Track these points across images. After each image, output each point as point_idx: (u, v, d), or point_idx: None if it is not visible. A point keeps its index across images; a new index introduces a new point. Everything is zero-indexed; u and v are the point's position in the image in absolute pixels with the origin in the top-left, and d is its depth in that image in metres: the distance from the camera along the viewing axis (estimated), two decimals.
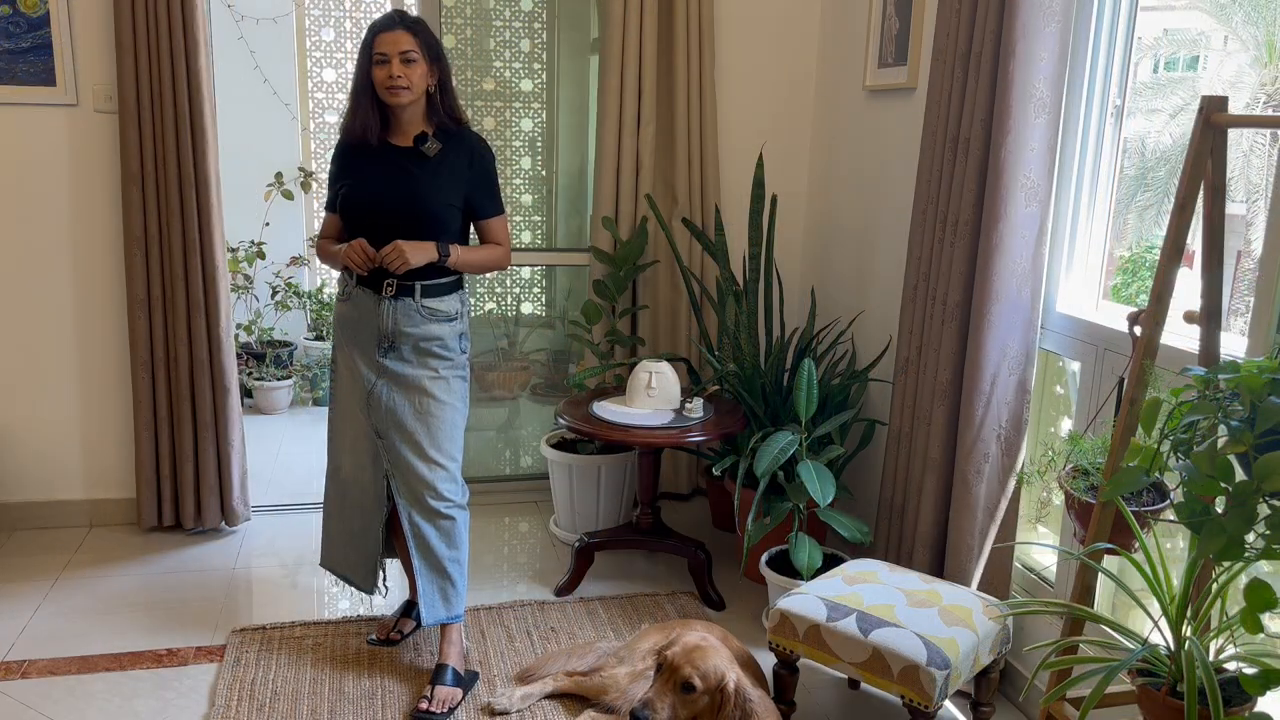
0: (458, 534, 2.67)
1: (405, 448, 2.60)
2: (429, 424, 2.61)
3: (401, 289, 2.56)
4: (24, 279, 3.38)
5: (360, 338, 2.63)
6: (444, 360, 2.62)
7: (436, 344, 2.60)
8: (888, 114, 3.28)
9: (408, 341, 2.59)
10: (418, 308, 2.57)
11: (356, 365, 2.64)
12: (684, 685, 2.14)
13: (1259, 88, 3.20)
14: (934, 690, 2.11)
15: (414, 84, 2.48)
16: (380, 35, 2.47)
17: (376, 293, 2.57)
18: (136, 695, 2.60)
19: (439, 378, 2.62)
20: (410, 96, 2.49)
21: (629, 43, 3.54)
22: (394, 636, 2.88)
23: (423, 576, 2.65)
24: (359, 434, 2.69)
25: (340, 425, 2.74)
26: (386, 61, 2.46)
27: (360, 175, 2.57)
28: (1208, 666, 1.54)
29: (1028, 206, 2.44)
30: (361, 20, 5.59)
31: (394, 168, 2.55)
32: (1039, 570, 2.74)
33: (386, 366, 2.60)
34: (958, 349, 2.65)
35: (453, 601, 2.67)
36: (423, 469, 2.61)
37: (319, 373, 5.19)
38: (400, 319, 2.57)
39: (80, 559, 3.35)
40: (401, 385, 2.60)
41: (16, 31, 3.19)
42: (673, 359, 3.49)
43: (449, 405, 2.64)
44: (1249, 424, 1.47)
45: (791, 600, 2.37)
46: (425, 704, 2.54)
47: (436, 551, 2.65)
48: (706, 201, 3.71)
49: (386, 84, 2.47)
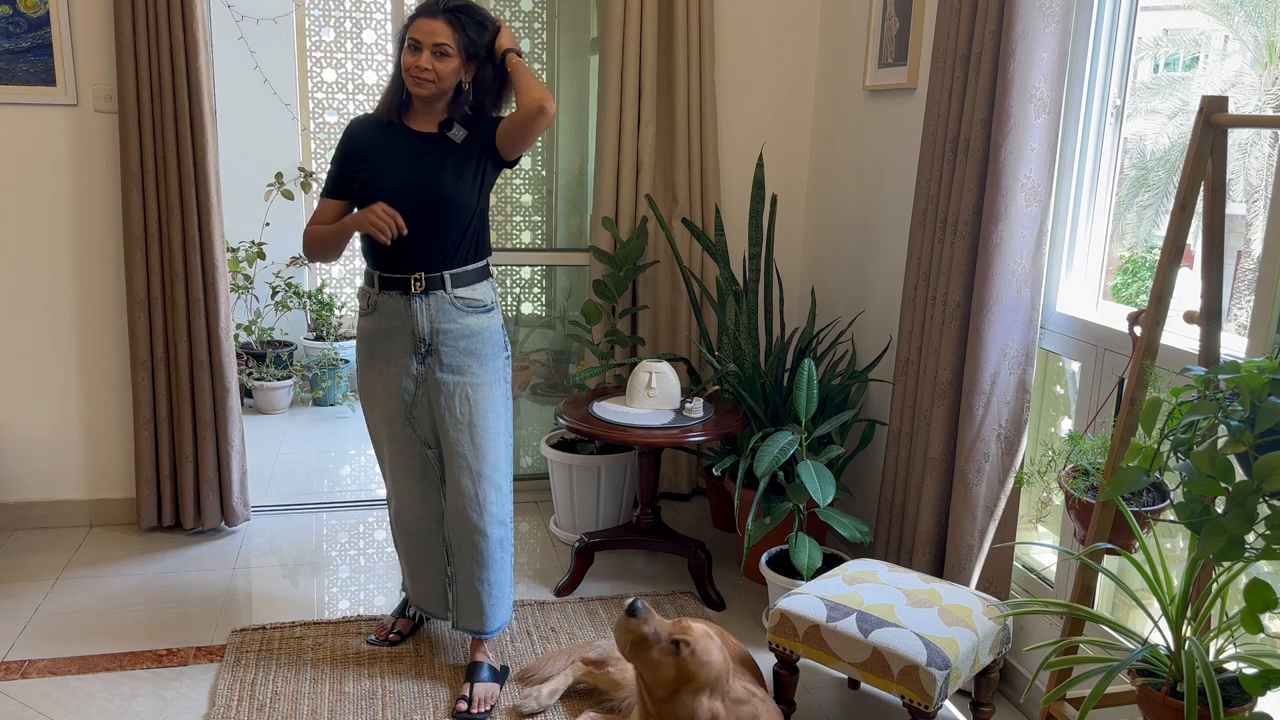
0: (496, 551, 2.61)
1: (451, 460, 2.54)
2: (473, 434, 2.52)
3: (431, 282, 2.47)
4: (24, 279, 3.38)
5: (393, 349, 2.53)
6: (486, 363, 2.53)
7: (477, 341, 2.51)
8: (888, 114, 3.28)
9: (448, 342, 2.49)
10: (451, 300, 2.48)
11: (392, 382, 2.55)
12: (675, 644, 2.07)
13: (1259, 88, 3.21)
14: (934, 690, 2.11)
15: (441, 78, 2.37)
16: (419, 20, 2.36)
17: (404, 293, 2.48)
18: (136, 695, 2.60)
19: (481, 383, 2.53)
20: (433, 90, 2.39)
21: (629, 43, 3.55)
22: (393, 638, 2.88)
23: (462, 585, 2.62)
24: (402, 456, 2.63)
25: (383, 453, 2.67)
26: (418, 49, 2.35)
27: (382, 161, 2.47)
28: (1208, 666, 1.54)
29: (1028, 206, 2.44)
30: (361, 20, 5.59)
31: (418, 155, 2.45)
32: (1039, 570, 2.74)
33: (426, 376, 2.52)
34: (958, 349, 2.65)
35: (490, 615, 2.64)
36: (468, 483, 2.54)
37: (319, 373, 5.19)
38: (436, 316, 2.48)
39: (80, 559, 3.35)
40: (442, 394, 2.51)
41: (16, 31, 3.19)
42: (673, 359, 3.49)
43: (491, 413, 2.54)
44: (1249, 424, 1.47)
45: (791, 600, 2.37)
46: (464, 704, 2.51)
47: (480, 562, 2.59)
48: (706, 201, 3.72)
49: (414, 73, 2.37)
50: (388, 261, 2.49)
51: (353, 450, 4.60)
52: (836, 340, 3.47)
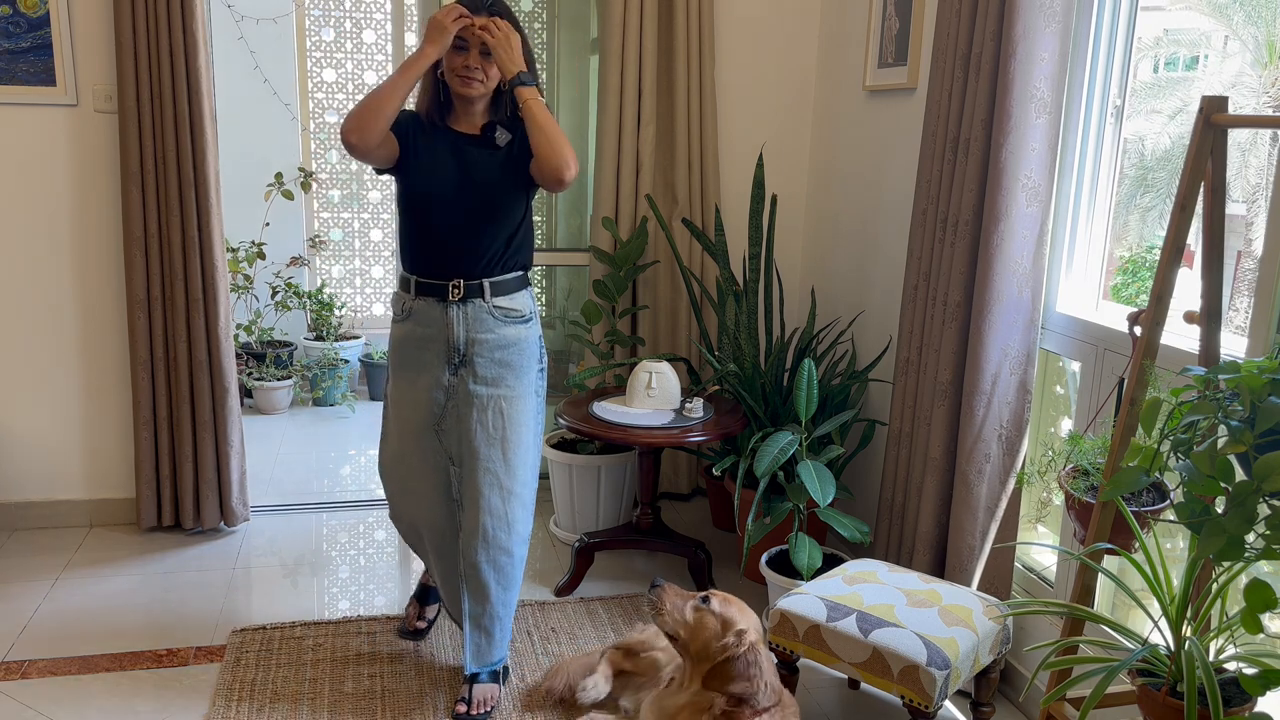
0: (515, 572, 2.53)
1: (481, 476, 2.44)
2: (505, 450, 2.44)
3: (469, 290, 2.41)
4: (24, 279, 3.38)
5: (426, 357, 2.46)
6: (521, 376, 2.47)
7: (514, 352, 2.45)
8: (888, 114, 3.28)
9: (483, 352, 2.43)
10: (489, 309, 2.42)
11: (423, 392, 2.48)
12: (703, 598, 2.22)
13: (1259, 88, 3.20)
14: (934, 691, 2.11)
15: (489, 78, 2.34)
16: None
17: (442, 300, 2.41)
18: (136, 695, 2.60)
19: (515, 397, 2.46)
20: (481, 90, 2.35)
21: (629, 43, 3.55)
22: (420, 626, 2.87)
23: (470, 621, 2.53)
24: (424, 471, 2.54)
25: (399, 470, 2.59)
26: (465, 49, 2.30)
27: (427, 164, 2.40)
28: (1208, 666, 1.54)
29: (1028, 207, 2.44)
30: (361, 20, 5.59)
31: (465, 158, 2.39)
32: (1039, 570, 2.74)
33: (458, 387, 2.45)
34: (958, 349, 2.65)
35: (495, 649, 2.56)
36: (496, 500, 2.45)
37: (319, 373, 5.19)
38: (472, 325, 2.42)
39: (80, 559, 3.35)
40: (474, 407, 2.44)
41: (16, 31, 3.19)
42: (673, 359, 3.49)
43: (523, 428, 2.48)
44: (1249, 424, 1.47)
45: (791, 600, 2.37)
46: (463, 706, 2.48)
47: (490, 594, 2.50)
48: (706, 201, 3.71)
49: (461, 72, 2.31)
50: (427, 266, 2.44)
51: (353, 450, 4.60)
52: (836, 340, 3.47)
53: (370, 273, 5.88)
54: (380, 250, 5.85)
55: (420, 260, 2.45)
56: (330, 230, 5.77)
